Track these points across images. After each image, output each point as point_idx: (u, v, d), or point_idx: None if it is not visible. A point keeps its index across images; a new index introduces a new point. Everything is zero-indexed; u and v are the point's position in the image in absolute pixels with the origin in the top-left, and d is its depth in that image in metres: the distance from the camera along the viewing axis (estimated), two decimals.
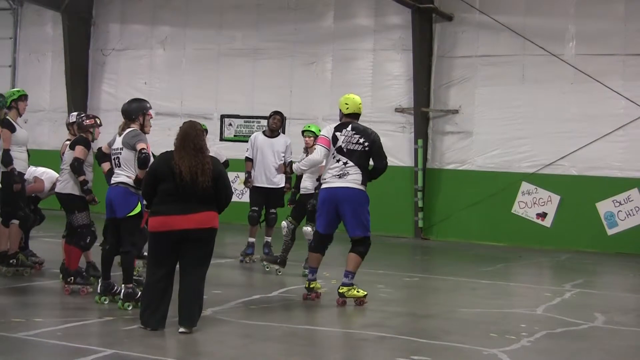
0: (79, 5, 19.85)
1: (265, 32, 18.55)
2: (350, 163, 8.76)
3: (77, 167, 8.78)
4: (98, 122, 9.22)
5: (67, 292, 8.79)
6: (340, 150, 8.81)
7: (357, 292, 8.83)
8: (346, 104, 9.02)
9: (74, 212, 8.90)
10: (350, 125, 8.90)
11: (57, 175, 9.69)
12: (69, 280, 8.83)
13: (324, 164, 9.08)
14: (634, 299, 11.01)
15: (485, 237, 16.50)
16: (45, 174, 10.42)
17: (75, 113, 9.85)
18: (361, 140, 8.80)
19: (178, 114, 18.66)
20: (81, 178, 8.79)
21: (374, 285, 10.42)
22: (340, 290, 8.82)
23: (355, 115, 9.02)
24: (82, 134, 9.06)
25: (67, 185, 8.92)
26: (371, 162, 9.00)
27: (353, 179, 8.74)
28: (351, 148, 8.78)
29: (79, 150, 8.83)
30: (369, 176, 8.92)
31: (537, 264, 14.20)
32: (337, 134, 8.87)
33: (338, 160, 8.80)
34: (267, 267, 11.11)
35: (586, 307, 9.41)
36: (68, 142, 9.37)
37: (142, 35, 19.79)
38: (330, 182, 8.83)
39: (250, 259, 12.01)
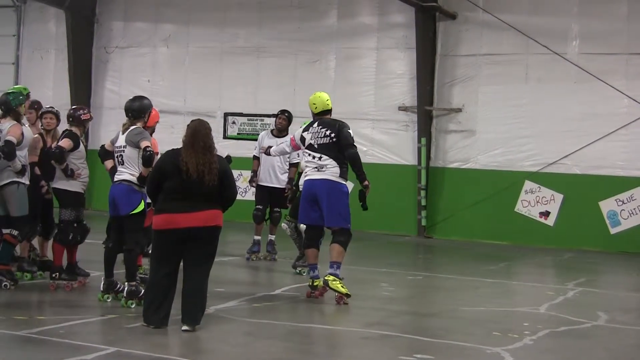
0: (83, 2, 19.81)
1: (269, 30, 18.52)
2: (325, 157, 8.93)
3: (58, 155, 8.68)
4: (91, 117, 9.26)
5: (52, 287, 8.78)
6: (311, 147, 9.03)
7: (342, 287, 8.74)
8: (314, 103, 9.31)
9: (67, 207, 8.87)
10: (316, 122, 9.14)
11: None
12: (53, 276, 8.83)
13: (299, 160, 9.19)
14: (637, 298, 11.00)
15: (488, 236, 16.47)
16: None
17: (48, 106, 9.78)
18: (327, 133, 8.97)
19: (181, 112, 18.65)
20: (63, 166, 8.73)
21: (377, 284, 10.43)
22: (326, 278, 8.78)
23: (326, 112, 9.23)
24: (73, 127, 8.96)
25: (62, 182, 8.88)
26: None
27: (331, 171, 8.90)
28: (320, 142, 8.98)
29: (65, 140, 8.76)
30: (347, 168, 9.02)
31: (540, 262, 14.19)
32: (304, 134, 9.17)
33: (313, 157, 8.99)
34: (303, 273, 10.51)
35: (589, 306, 9.41)
36: (37, 136, 9.33)
37: (145, 33, 19.77)
38: (310, 174, 9.06)
39: (256, 256, 12.01)
